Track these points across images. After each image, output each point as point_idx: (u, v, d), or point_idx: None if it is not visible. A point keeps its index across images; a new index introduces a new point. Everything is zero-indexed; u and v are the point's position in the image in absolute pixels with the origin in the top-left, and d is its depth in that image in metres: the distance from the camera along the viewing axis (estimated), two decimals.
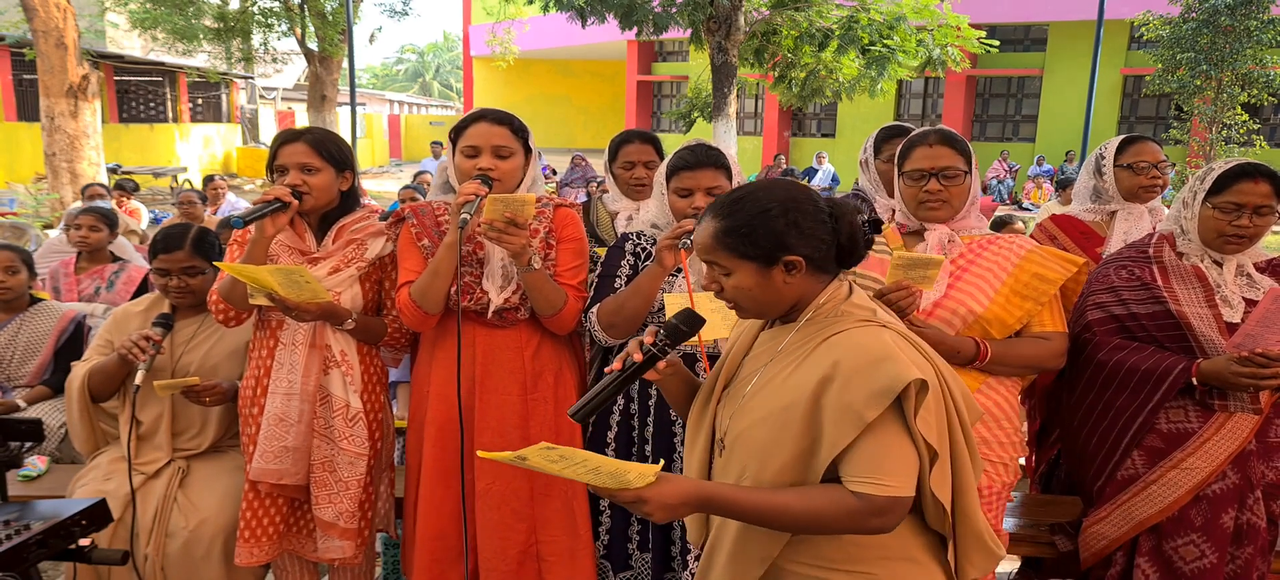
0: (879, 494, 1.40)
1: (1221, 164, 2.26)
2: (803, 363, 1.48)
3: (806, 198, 1.51)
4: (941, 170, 2.17)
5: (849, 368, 1.42)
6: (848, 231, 1.51)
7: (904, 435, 1.43)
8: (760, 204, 1.50)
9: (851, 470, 1.42)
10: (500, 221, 2.16)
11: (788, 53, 13.86)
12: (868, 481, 1.40)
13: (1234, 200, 2.20)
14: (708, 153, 2.31)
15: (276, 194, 2.27)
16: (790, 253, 1.48)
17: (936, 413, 1.44)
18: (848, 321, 1.49)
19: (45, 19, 10.82)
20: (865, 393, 1.40)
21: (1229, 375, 2.13)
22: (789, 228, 1.48)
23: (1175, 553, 2.28)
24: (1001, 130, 22.64)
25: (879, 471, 1.40)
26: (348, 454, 2.42)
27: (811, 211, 1.50)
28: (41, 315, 3.64)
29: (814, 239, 1.49)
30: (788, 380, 1.49)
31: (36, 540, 1.55)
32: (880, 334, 1.46)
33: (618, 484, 1.40)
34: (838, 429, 1.42)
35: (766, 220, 1.48)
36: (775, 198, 1.50)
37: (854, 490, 1.41)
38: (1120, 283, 2.35)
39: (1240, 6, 14.69)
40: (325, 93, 17.36)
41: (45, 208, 11.02)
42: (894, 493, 1.41)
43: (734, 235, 1.50)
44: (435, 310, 2.33)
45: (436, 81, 60.86)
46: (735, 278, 1.52)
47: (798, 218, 1.48)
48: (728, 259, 1.51)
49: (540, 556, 2.47)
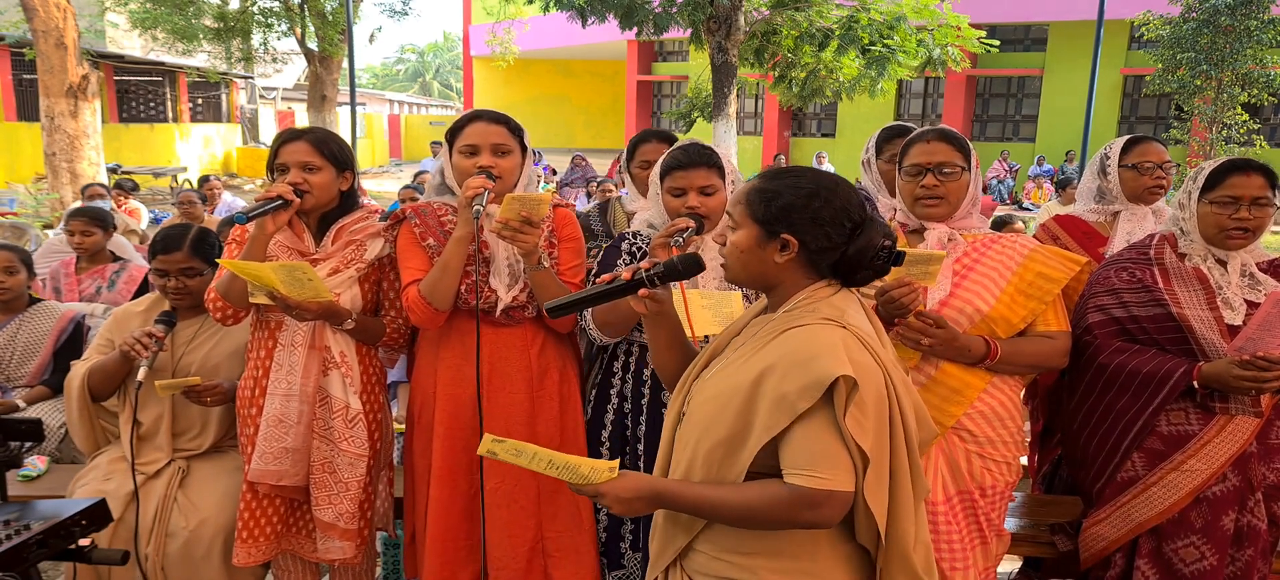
0: (811, 485, 1.42)
1: (1213, 162, 2.27)
2: (759, 350, 1.51)
3: (840, 197, 1.53)
4: (938, 166, 2.17)
5: (789, 360, 1.45)
6: (860, 246, 1.52)
7: (838, 433, 1.44)
8: (794, 180, 1.54)
9: (787, 461, 1.45)
10: (516, 220, 2.17)
11: (788, 53, 13.86)
12: (801, 473, 1.42)
13: (1230, 194, 2.21)
14: (701, 152, 2.32)
15: (278, 191, 2.26)
16: (790, 233, 1.51)
17: (875, 418, 1.44)
18: (811, 317, 1.50)
19: (45, 19, 10.82)
20: (798, 384, 1.42)
21: (1230, 378, 2.13)
22: (802, 211, 1.50)
23: (1175, 554, 2.28)
24: (1001, 130, 22.65)
25: (812, 463, 1.42)
26: (347, 455, 2.42)
27: (836, 210, 1.51)
28: (41, 315, 3.64)
29: (821, 234, 1.50)
30: (743, 364, 1.52)
31: (36, 540, 1.54)
32: (831, 332, 1.47)
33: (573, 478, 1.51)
34: (771, 416, 1.44)
35: (788, 195, 1.52)
36: (810, 181, 1.53)
37: (788, 481, 1.44)
38: (1121, 285, 2.35)
39: (1240, 6, 14.70)
40: (325, 93, 17.37)
41: (45, 208, 11.02)
42: (827, 485, 1.42)
43: (757, 194, 1.55)
44: (445, 307, 2.33)
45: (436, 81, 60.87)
46: (738, 234, 1.57)
47: (818, 208, 1.50)
48: (741, 213, 1.56)
49: (547, 552, 2.49)
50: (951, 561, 2.15)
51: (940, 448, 2.16)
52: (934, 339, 2.07)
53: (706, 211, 2.26)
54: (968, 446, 2.16)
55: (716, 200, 2.29)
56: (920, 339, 2.06)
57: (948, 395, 2.14)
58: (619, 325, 2.33)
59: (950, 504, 2.16)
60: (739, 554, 1.54)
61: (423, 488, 2.51)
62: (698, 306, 2.08)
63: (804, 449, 1.43)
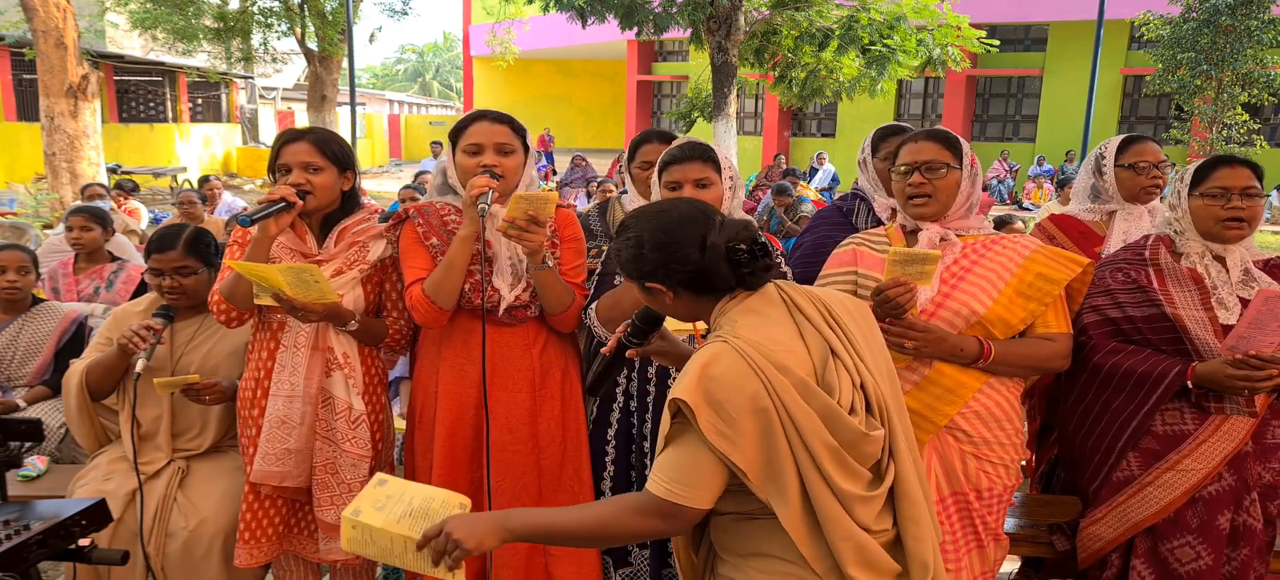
0: (661, 495, 1.49)
1: (1196, 161, 2.28)
2: None
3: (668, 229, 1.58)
4: (924, 163, 2.17)
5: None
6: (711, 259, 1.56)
7: (690, 446, 1.49)
8: (624, 237, 1.63)
9: (653, 472, 1.53)
10: (522, 219, 2.18)
11: (788, 53, 13.86)
12: (656, 481, 1.51)
13: (1220, 185, 2.22)
14: (695, 147, 2.36)
15: (281, 193, 2.27)
16: (652, 281, 1.60)
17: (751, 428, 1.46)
18: (713, 339, 1.56)
19: (45, 19, 10.81)
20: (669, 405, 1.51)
21: (1223, 378, 2.13)
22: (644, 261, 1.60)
23: (1171, 554, 2.28)
24: (1001, 130, 22.64)
25: (667, 475, 1.50)
26: (350, 456, 2.43)
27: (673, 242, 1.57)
28: (43, 316, 3.64)
29: (675, 270, 1.57)
30: None
31: (36, 540, 1.55)
32: (704, 352, 1.52)
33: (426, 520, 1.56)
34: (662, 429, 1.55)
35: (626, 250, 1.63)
36: (633, 230, 1.62)
37: (647, 490, 1.52)
38: (1116, 285, 2.35)
39: (1240, 6, 14.70)
40: (325, 93, 17.36)
41: (45, 208, 11.01)
42: (678, 500, 1.49)
43: (617, 259, 1.67)
44: (449, 305, 2.34)
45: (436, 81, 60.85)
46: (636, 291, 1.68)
47: (653, 252, 1.58)
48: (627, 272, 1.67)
49: (547, 551, 2.50)
50: (943, 563, 2.14)
51: (934, 448, 2.15)
52: (917, 341, 2.06)
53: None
54: (963, 447, 2.14)
55: (711, 193, 2.32)
56: (903, 342, 2.06)
57: (941, 395, 2.12)
58: (623, 321, 2.34)
59: (944, 505, 2.15)
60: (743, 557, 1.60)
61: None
62: None
63: (665, 463, 1.52)
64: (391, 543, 1.55)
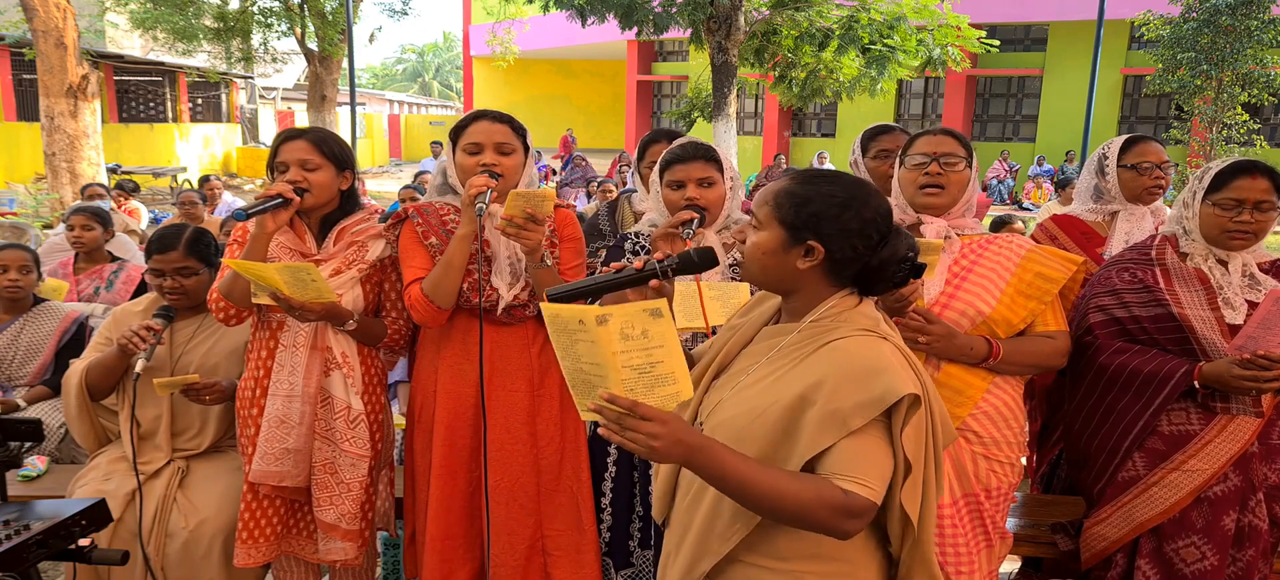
0: (861, 494, 1.40)
1: (1219, 163, 2.26)
2: (797, 365, 1.49)
3: (871, 207, 1.50)
4: (943, 155, 2.19)
5: (840, 375, 1.43)
6: (883, 258, 1.50)
7: (886, 445, 1.43)
8: (828, 188, 1.50)
9: (835, 467, 1.42)
10: (521, 217, 2.17)
11: (788, 53, 13.86)
12: (854, 481, 1.40)
13: (1234, 196, 2.20)
14: (697, 146, 2.35)
15: (278, 190, 2.26)
16: (817, 240, 1.48)
17: (918, 429, 1.45)
18: (847, 328, 1.48)
19: (45, 19, 10.81)
20: (854, 401, 1.41)
21: (1230, 378, 2.12)
22: (832, 220, 1.47)
23: (1176, 554, 2.28)
24: (1001, 130, 22.65)
25: (864, 473, 1.41)
26: (349, 456, 2.42)
27: (865, 221, 1.49)
28: (44, 316, 3.64)
29: (847, 245, 1.48)
30: (779, 379, 1.50)
31: (36, 540, 1.54)
32: (878, 344, 1.46)
33: (650, 388, 1.34)
34: (818, 433, 1.42)
35: (818, 202, 1.48)
36: (843, 190, 1.50)
37: (842, 486, 1.40)
38: (1122, 285, 2.35)
39: (1240, 6, 14.69)
40: (325, 92, 17.36)
41: (45, 208, 11.01)
42: (872, 497, 1.41)
43: (786, 197, 1.51)
44: (448, 305, 2.33)
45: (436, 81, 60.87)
46: (760, 235, 1.52)
47: (848, 219, 1.48)
48: (767, 215, 1.52)
49: (546, 551, 2.49)
50: (957, 564, 2.15)
51: (946, 450, 2.16)
52: (930, 335, 2.07)
53: (706, 203, 2.28)
54: (974, 448, 2.16)
55: (715, 193, 2.31)
56: (917, 336, 2.06)
57: (951, 396, 2.14)
58: None
59: (956, 507, 2.16)
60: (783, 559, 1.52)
61: (423, 486, 2.51)
62: (709, 298, 2.09)
63: (853, 459, 1.41)
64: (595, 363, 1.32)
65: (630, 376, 1.32)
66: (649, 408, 1.33)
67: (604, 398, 1.33)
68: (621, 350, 1.29)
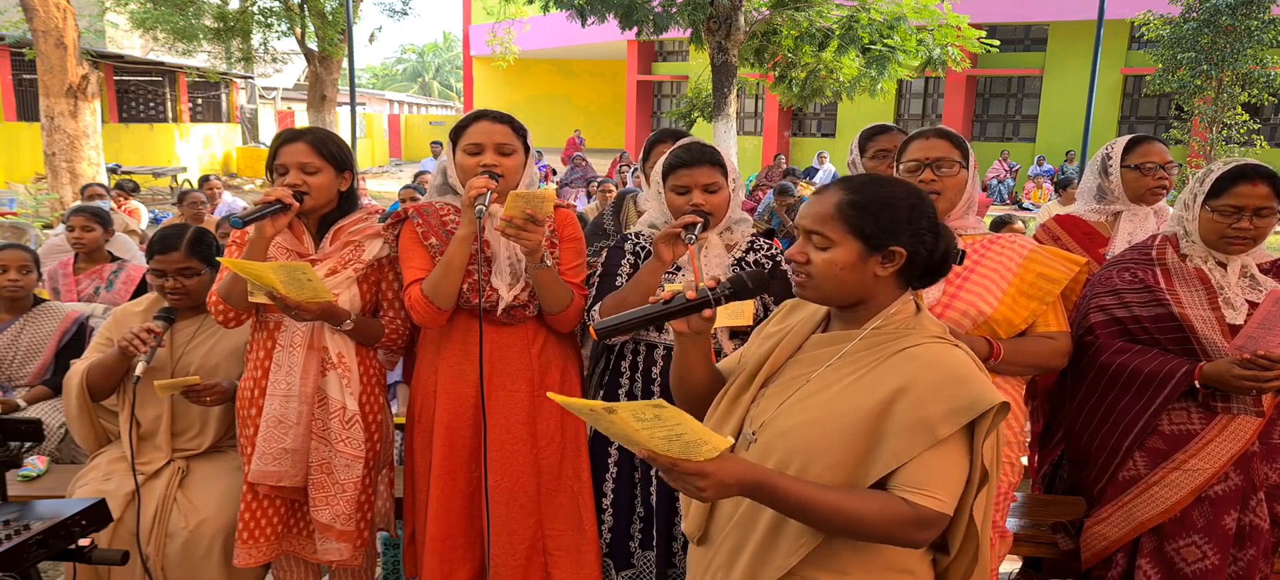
0: (931, 507, 1.38)
1: (1219, 166, 2.24)
2: (872, 371, 1.46)
3: (927, 204, 1.51)
4: (935, 161, 2.18)
5: (928, 382, 1.41)
6: (944, 250, 1.51)
7: (965, 455, 1.42)
8: (892, 191, 1.50)
9: (907, 480, 1.40)
10: (520, 218, 2.17)
11: (788, 53, 13.85)
12: (924, 493, 1.38)
13: (1233, 203, 2.19)
14: (703, 150, 2.34)
15: (277, 195, 2.26)
16: (897, 244, 1.47)
17: (994, 438, 1.45)
18: (921, 335, 1.47)
19: (45, 19, 10.81)
20: (943, 409, 1.39)
21: (1231, 378, 2.12)
22: (908, 223, 1.48)
23: (1177, 554, 2.28)
24: (1001, 130, 22.64)
25: (935, 485, 1.39)
26: (344, 456, 2.42)
27: (929, 217, 1.50)
28: (45, 316, 3.64)
29: (921, 244, 1.48)
30: (852, 385, 1.47)
31: (36, 540, 1.54)
32: (958, 351, 1.46)
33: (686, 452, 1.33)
34: (905, 441, 1.40)
35: (894, 207, 1.47)
36: (906, 191, 1.51)
37: (908, 499, 1.39)
38: (1123, 285, 2.35)
39: (1241, 6, 14.68)
40: (325, 92, 17.36)
41: (45, 208, 11.01)
42: (943, 509, 1.39)
43: (857, 209, 1.47)
44: (448, 305, 2.33)
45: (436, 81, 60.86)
46: (833, 252, 1.48)
47: (916, 217, 1.48)
48: (838, 230, 1.48)
49: (547, 551, 2.49)
50: None
51: None
52: None
53: (710, 209, 2.28)
54: None
55: (719, 198, 2.31)
56: None
57: None
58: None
59: None
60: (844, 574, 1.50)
61: (423, 487, 2.51)
62: None
63: (930, 470, 1.39)
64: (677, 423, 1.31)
65: (662, 444, 1.32)
66: (687, 463, 1.33)
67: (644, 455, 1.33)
68: (642, 428, 1.30)
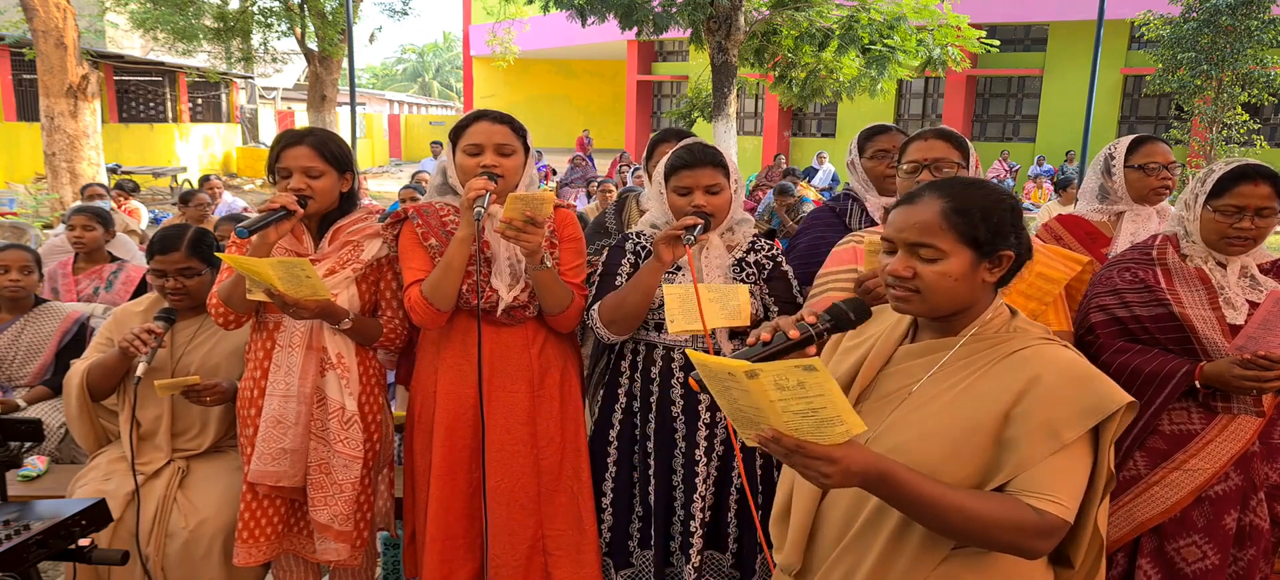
0: (1057, 513, 1.33)
1: (1221, 166, 2.24)
2: (980, 379, 1.42)
3: (1013, 198, 1.49)
4: (934, 162, 2.18)
5: (1050, 385, 1.36)
6: (1026, 248, 1.48)
7: (1088, 458, 1.37)
8: (992, 193, 1.46)
9: (1031, 486, 1.35)
10: (520, 219, 2.17)
11: (788, 53, 13.85)
12: (1049, 499, 1.33)
13: (1234, 203, 2.19)
14: (706, 151, 2.33)
15: (282, 202, 2.26)
16: (1007, 247, 1.44)
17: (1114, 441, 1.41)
18: (1028, 338, 1.43)
19: (45, 19, 10.81)
20: (1069, 412, 1.35)
21: (1231, 378, 2.12)
22: (1011, 224, 1.45)
23: (1177, 554, 2.27)
24: (1001, 130, 22.65)
25: (1060, 491, 1.34)
26: (342, 456, 2.42)
27: (1021, 216, 1.48)
28: (45, 316, 3.63)
29: (1021, 244, 1.46)
30: (962, 395, 1.42)
31: (36, 540, 1.54)
32: (1073, 352, 1.42)
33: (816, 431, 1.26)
34: (1032, 445, 1.35)
35: (1000, 209, 1.43)
36: (997, 190, 1.48)
37: (1035, 506, 1.33)
38: (1123, 285, 2.34)
39: (1241, 6, 14.69)
40: (325, 92, 17.36)
41: (45, 208, 11.00)
42: (1067, 516, 1.34)
43: (966, 217, 1.42)
44: (447, 306, 2.33)
45: (436, 81, 60.87)
46: (945, 263, 1.42)
47: (1016, 217, 1.46)
48: (949, 240, 1.42)
49: (547, 551, 2.49)
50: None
51: None
52: None
53: (713, 210, 2.28)
54: None
55: (721, 199, 2.30)
56: None
57: None
58: (627, 323, 2.33)
59: None
60: None
61: (423, 487, 2.51)
62: (707, 301, 2.09)
63: (1054, 476, 1.34)
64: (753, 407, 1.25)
65: (794, 420, 1.26)
66: (816, 446, 1.26)
67: (769, 436, 1.26)
68: (778, 399, 1.23)
